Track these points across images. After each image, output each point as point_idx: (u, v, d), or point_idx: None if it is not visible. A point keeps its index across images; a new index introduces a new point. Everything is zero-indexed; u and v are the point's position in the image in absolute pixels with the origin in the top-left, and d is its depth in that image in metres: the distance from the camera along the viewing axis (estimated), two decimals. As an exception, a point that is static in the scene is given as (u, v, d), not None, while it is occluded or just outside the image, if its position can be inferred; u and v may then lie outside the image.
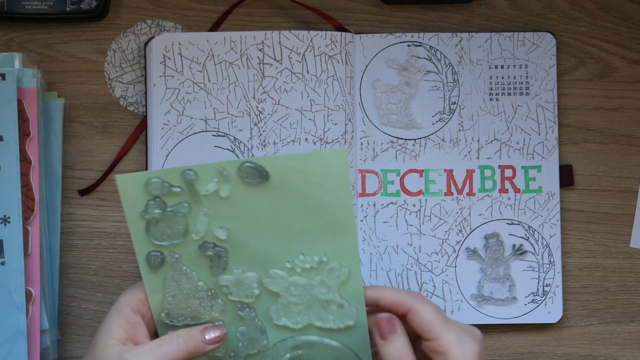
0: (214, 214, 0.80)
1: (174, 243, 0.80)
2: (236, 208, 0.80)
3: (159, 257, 0.81)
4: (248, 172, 0.79)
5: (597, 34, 0.99)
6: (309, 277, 0.81)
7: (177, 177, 0.79)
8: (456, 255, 0.96)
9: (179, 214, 0.80)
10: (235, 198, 0.80)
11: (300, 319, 0.82)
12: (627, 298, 0.98)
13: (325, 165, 0.79)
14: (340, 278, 0.81)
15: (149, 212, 0.80)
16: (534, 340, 0.97)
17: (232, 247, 0.81)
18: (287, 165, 0.79)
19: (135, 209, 0.80)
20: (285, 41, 0.96)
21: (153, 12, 0.98)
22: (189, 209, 0.80)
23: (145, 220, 0.80)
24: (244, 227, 0.80)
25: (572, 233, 0.98)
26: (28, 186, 0.91)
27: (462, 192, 0.96)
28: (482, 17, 0.99)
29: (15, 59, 0.94)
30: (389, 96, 0.97)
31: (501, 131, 0.97)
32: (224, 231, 0.80)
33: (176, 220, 0.80)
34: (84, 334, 0.96)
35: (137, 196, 0.79)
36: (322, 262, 0.81)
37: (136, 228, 0.80)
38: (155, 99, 0.95)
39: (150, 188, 0.79)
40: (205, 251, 0.81)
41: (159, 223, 0.80)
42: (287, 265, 0.81)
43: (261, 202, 0.80)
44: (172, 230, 0.80)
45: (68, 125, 0.97)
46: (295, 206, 0.80)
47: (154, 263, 0.81)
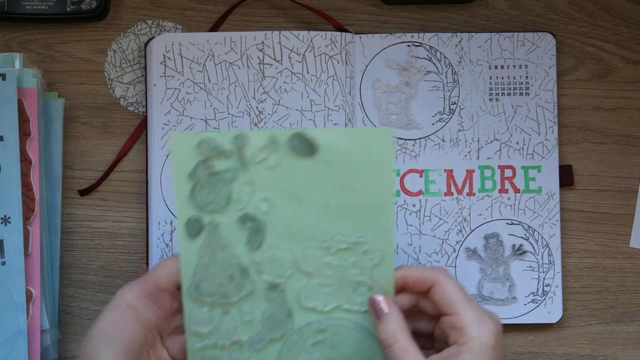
0: (259, 183, 0.79)
1: (216, 210, 0.80)
2: (281, 179, 0.79)
3: (198, 224, 0.80)
4: (298, 143, 0.79)
5: (597, 34, 0.99)
6: (342, 257, 0.81)
7: (229, 140, 0.79)
8: (456, 255, 0.96)
9: (226, 179, 0.79)
10: (282, 169, 0.79)
11: (329, 300, 0.81)
12: (627, 298, 0.98)
13: (371, 143, 0.79)
14: (373, 260, 0.81)
15: (197, 173, 0.79)
16: (534, 340, 0.97)
17: (271, 221, 0.80)
18: (336, 140, 0.79)
19: (184, 170, 0.79)
20: (286, 41, 0.96)
21: (153, 13, 0.98)
22: (235, 176, 0.79)
23: (192, 183, 0.79)
24: (286, 200, 0.80)
25: (572, 233, 0.98)
26: (28, 186, 0.91)
27: (462, 192, 0.96)
28: (482, 17, 0.99)
29: (16, 59, 0.94)
30: (389, 96, 0.97)
31: (501, 131, 0.97)
32: (266, 203, 0.80)
33: (221, 186, 0.79)
34: (84, 334, 0.95)
35: (188, 156, 0.79)
36: (357, 243, 0.80)
37: (182, 190, 0.79)
38: (156, 99, 0.95)
39: (202, 148, 0.78)
40: (245, 223, 0.80)
41: (204, 188, 0.79)
42: (323, 244, 0.80)
43: (306, 175, 0.79)
44: (216, 196, 0.79)
45: (68, 125, 0.97)
46: (338, 183, 0.80)
47: (193, 229, 0.80)
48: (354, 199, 0.80)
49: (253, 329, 0.81)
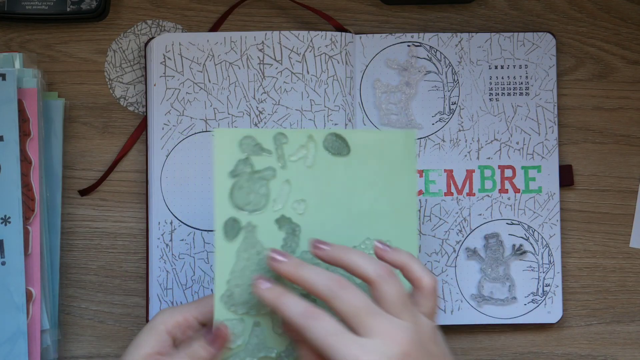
0: (295, 183, 0.79)
1: (254, 210, 0.78)
2: (317, 179, 0.79)
3: (237, 225, 0.78)
4: (332, 143, 0.79)
5: (597, 34, 0.99)
6: None
7: (269, 139, 0.78)
8: (456, 255, 0.96)
9: (265, 178, 0.78)
10: (318, 169, 0.79)
11: None
12: (627, 298, 0.98)
13: (396, 144, 0.80)
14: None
15: (238, 171, 0.78)
16: (534, 340, 0.97)
17: (305, 224, 0.79)
18: (367, 141, 0.80)
19: (226, 167, 0.78)
20: (286, 41, 0.96)
21: (153, 13, 0.98)
22: (274, 175, 0.79)
23: (232, 182, 0.78)
24: (319, 202, 0.79)
25: (572, 233, 0.98)
26: (28, 186, 0.91)
27: (462, 192, 0.96)
28: (482, 17, 0.99)
29: (16, 59, 0.94)
30: (389, 96, 0.97)
31: (501, 131, 0.97)
32: (302, 205, 0.79)
33: (260, 185, 0.78)
34: (84, 334, 0.96)
35: (230, 153, 0.78)
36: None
37: (222, 188, 0.78)
38: (156, 99, 0.95)
39: (244, 145, 0.78)
40: (281, 226, 0.79)
41: (244, 187, 0.78)
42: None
43: (339, 175, 0.80)
44: (255, 195, 0.78)
45: (68, 125, 0.97)
46: (368, 185, 0.80)
47: (231, 230, 0.78)
48: (381, 201, 0.80)
49: (282, 342, 0.80)
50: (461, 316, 0.96)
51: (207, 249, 0.95)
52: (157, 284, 0.94)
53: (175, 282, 0.94)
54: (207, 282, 0.95)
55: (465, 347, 0.97)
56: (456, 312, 0.96)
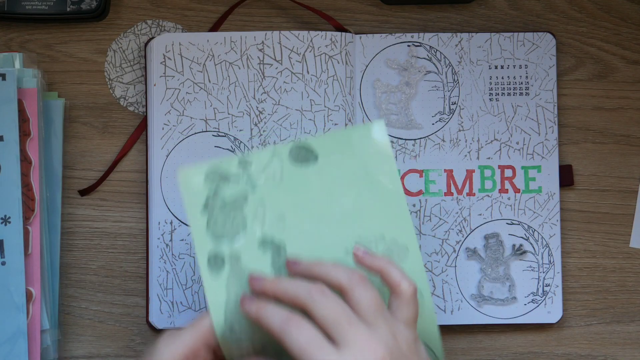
0: (270, 201, 0.79)
1: (235, 238, 0.78)
2: (290, 192, 0.79)
3: (220, 258, 0.78)
4: (297, 154, 0.79)
5: (597, 34, 0.99)
6: None
7: (234, 165, 0.79)
8: (456, 255, 0.96)
9: (238, 204, 0.78)
10: (289, 182, 0.79)
11: None
12: (627, 298, 0.98)
13: (366, 138, 0.79)
14: (399, 255, 0.79)
15: (210, 205, 0.78)
16: (534, 340, 0.97)
17: (290, 238, 0.79)
18: (333, 143, 0.79)
19: (197, 203, 0.78)
20: (286, 41, 0.96)
21: (153, 13, 0.98)
22: (246, 199, 0.79)
23: (206, 216, 0.78)
24: (299, 213, 0.79)
25: (572, 233, 0.98)
26: (28, 186, 0.91)
27: (462, 192, 0.96)
28: (482, 17, 0.99)
29: (16, 59, 0.94)
30: (389, 96, 0.97)
31: (501, 131, 0.97)
32: (281, 221, 0.79)
33: (235, 212, 0.78)
34: (84, 334, 0.96)
35: (197, 189, 0.78)
36: (379, 240, 0.79)
37: (197, 224, 0.78)
38: (156, 99, 0.95)
39: (209, 178, 0.78)
40: (265, 247, 0.78)
41: (218, 218, 0.78)
42: (347, 250, 0.79)
43: (313, 183, 0.79)
44: (231, 224, 0.78)
45: (68, 125, 0.97)
46: (346, 184, 0.79)
47: (215, 264, 0.78)
48: (364, 196, 0.79)
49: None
50: (461, 316, 0.96)
51: (207, 249, 0.95)
52: (157, 284, 0.94)
53: (175, 282, 0.94)
54: (207, 282, 0.95)
55: (465, 347, 0.97)
56: (456, 312, 0.96)
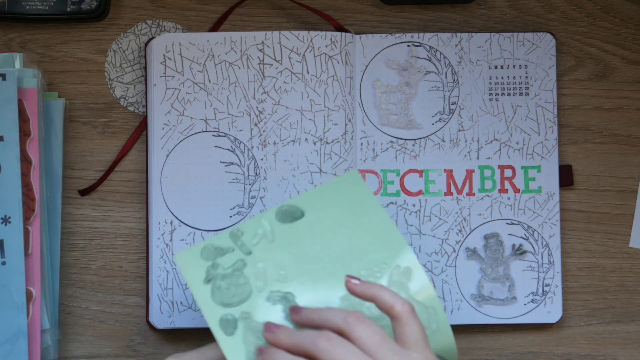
0: (267, 260, 0.82)
1: (242, 300, 0.80)
2: (286, 248, 0.82)
3: (231, 320, 0.80)
4: (283, 215, 0.83)
5: (596, 34, 0.99)
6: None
7: (226, 239, 0.82)
8: (456, 255, 0.96)
9: (238, 270, 0.81)
10: (282, 239, 0.82)
11: None
12: (626, 298, 0.98)
13: (344, 188, 0.84)
14: (405, 279, 0.81)
15: (210, 276, 0.81)
16: (534, 340, 0.97)
17: (297, 289, 0.81)
18: (315, 198, 0.83)
19: (198, 278, 0.81)
20: (286, 41, 0.96)
21: (153, 13, 0.98)
22: (245, 264, 0.82)
23: (209, 287, 0.81)
24: (299, 263, 0.82)
25: (571, 233, 0.98)
26: (28, 186, 0.91)
27: (461, 192, 0.96)
28: (482, 17, 0.99)
29: (16, 59, 0.94)
30: (389, 96, 0.97)
31: (501, 131, 0.97)
32: (284, 275, 0.81)
33: (237, 277, 0.81)
34: (84, 333, 0.96)
35: (196, 267, 0.81)
36: (381, 270, 0.81)
37: (203, 297, 0.80)
38: (156, 99, 0.95)
39: (205, 255, 0.81)
40: (274, 303, 0.80)
41: (221, 286, 0.81)
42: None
43: (305, 235, 0.83)
44: (236, 288, 0.81)
45: (68, 125, 0.97)
46: (335, 230, 0.83)
47: (227, 327, 0.79)
48: (356, 235, 0.83)
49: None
50: (461, 316, 0.96)
51: (207, 249, 0.95)
52: (157, 284, 0.94)
53: (175, 282, 0.95)
54: (207, 282, 0.95)
55: (465, 347, 0.97)
56: (456, 312, 0.96)
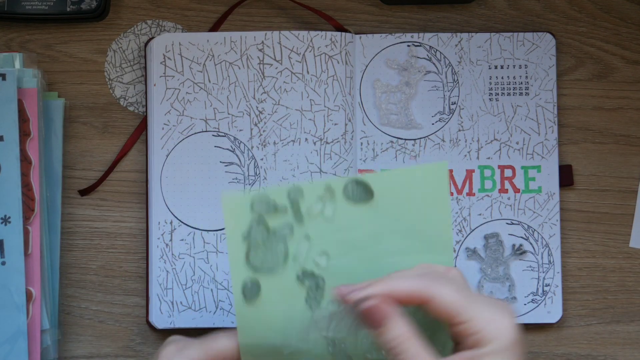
0: (315, 237, 0.75)
1: (272, 269, 0.75)
2: (338, 231, 0.75)
3: (256, 287, 0.75)
4: (353, 191, 0.75)
5: (596, 34, 0.99)
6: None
7: (283, 195, 0.74)
8: (456, 255, 0.96)
9: (281, 236, 0.75)
10: (339, 219, 0.75)
11: None
12: (626, 298, 0.98)
13: (425, 180, 0.75)
14: None
15: (252, 234, 0.74)
16: (534, 340, 0.97)
17: (330, 276, 0.75)
18: (391, 182, 0.75)
19: (238, 231, 0.74)
20: (285, 41, 0.96)
21: (153, 13, 0.98)
22: (291, 232, 0.75)
23: (247, 244, 0.74)
24: (344, 252, 0.75)
25: (571, 233, 0.98)
26: (28, 186, 0.91)
27: (461, 192, 0.96)
28: (482, 17, 0.99)
29: (16, 59, 0.94)
30: (389, 96, 0.97)
31: (501, 131, 0.97)
32: (324, 257, 0.75)
33: (277, 244, 0.75)
34: (84, 333, 0.96)
35: (241, 217, 0.74)
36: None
37: (237, 253, 0.74)
38: (156, 99, 0.95)
39: (255, 207, 0.74)
40: (303, 281, 0.75)
41: (259, 247, 0.75)
42: None
43: (363, 223, 0.75)
44: (272, 255, 0.75)
45: (68, 125, 0.97)
46: (396, 227, 0.75)
47: (250, 293, 0.75)
48: (412, 241, 0.76)
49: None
50: (461, 316, 0.96)
51: (207, 249, 0.95)
52: (157, 284, 0.94)
53: (175, 282, 0.95)
54: (206, 282, 0.95)
55: (465, 347, 0.97)
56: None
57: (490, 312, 0.70)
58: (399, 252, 0.75)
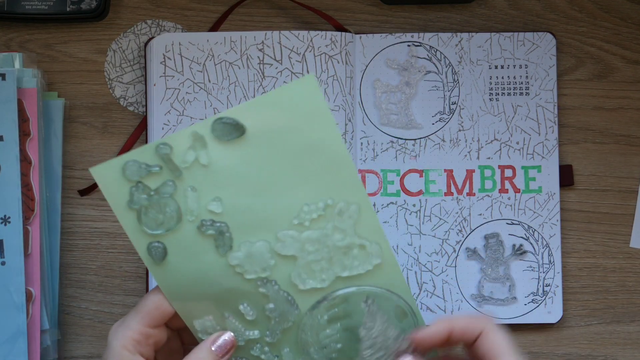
0: (201, 186, 0.74)
1: (170, 228, 0.75)
2: (222, 174, 0.74)
3: (160, 248, 0.75)
4: (222, 129, 0.73)
5: (597, 34, 0.99)
6: (319, 227, 0.75)
7: (152, 155, 0.73)
8: (456, 255, 0.96)
9: (166, 194, 0.74)
10: (218, 163, 0.74)
11: (326, 275, 0.76)
12: (627, 298, 0.98)
13: (297, 98, 0.73)
14: (352, 218, 0.75)
15: (135, 200, 0.74)
16: (534, 340, 0.97)
17: (231, 219, 0.74)
18: (259, 110, 0.73)
19: (121, 200, 0.74)
20: (285, 41, 0.96)
21: (153, 12, 0.98)
22: (175, 187, 0.74)
23: (135, 210, 0.74)
24: (236, 192, 0.74)
25: (572, 233, 0.98)
26: (28, 186, 0.91)
27: (462, 192, 0.96)
28: (482, 17, 0.99)
29: (16, 59, 0.94)
30: (389, 96, 0.97)
31: (501, 131, 0.97)
32: (217, 203, 0.75)
33: (165, 202, 0.74)
34: (84, 334, 0.96)
35: (118, 185, 0.73)
36: (328, 206, 0.75)
37: (127, 221, 0.74)
38: (156, 99, 0.95)
39: (127, 173, 0.73)
40: (205, 231, 0.75)
41: (149, 210, 0.74)
42: (294, 222, 0.75)
43: (245, 159, 0.74)
44: (164, 215, 0.74)
45: (68, 125, 0.97)
46: (281, 154, 0.74)
47: (156, 254, 0.75)
48: (305, 163, 0.74)
49: (261, 325, 0.78)
50: (461, 316, 0.96)
51: (207, 249, 0.95)
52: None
53: (175, 282, 0.94)
54: (207, 282, 0.95)
55: (465, 347, 0.97)
56: (456, 312, 0.96)
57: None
58: (294, 177, 0.75)
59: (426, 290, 0.96)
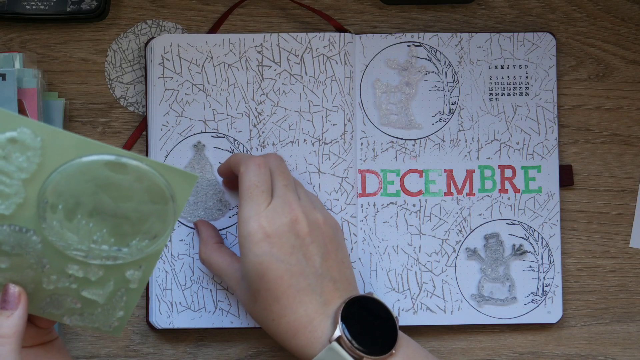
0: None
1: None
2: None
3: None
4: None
5: (597, 34, 0.99)
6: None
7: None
8: (456, 255, 0.96)
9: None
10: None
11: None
12: (626, 298, 0.98)
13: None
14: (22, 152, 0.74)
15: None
16: (534, 340, 0.97)
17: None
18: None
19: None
20: (284, 43, 0.96)
21: (153, 13, 0.98)
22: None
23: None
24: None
25: (571, 233, 0.98)
26: (28, 187, 0.91)
27: (462, 192, 0.96)
28: (482, 17, 0.99)
29: (16, 59, 0.94)
30: (389, 96, 0.97)
31: (501, 131, 0.97)
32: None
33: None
34: (84, 334, 0.96)
35: None
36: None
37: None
38: (155, 99, 0.95)
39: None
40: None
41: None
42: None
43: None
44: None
45: (68, 125, 0.97)
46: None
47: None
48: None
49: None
50: (461, 316, 0.96)
51: (207, 249, 0.95)
52: (157, 284, 0.95)
53: (174, 282, 0.95)
54: (205, 283, 0.95)
55: (465, 347, 0.97)
56: (456, 312, 0.96)
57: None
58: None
59: (426, 290, 0.96)
